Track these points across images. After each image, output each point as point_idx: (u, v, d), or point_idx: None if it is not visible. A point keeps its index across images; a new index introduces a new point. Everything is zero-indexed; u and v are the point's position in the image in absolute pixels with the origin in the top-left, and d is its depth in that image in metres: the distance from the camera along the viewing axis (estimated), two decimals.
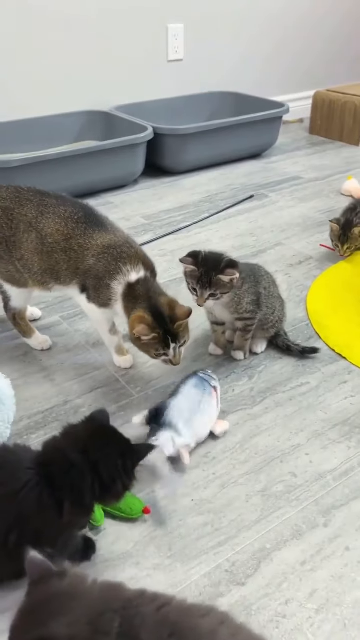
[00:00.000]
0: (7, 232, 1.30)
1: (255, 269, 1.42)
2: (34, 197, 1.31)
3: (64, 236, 1.27)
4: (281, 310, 1.45)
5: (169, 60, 2.89)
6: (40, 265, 1.31)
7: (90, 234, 1.27)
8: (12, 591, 0.92)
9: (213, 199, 2.40)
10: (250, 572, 0.95)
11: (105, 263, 1.25)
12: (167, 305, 1.21)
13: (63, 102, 2.62)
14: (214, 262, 1.26)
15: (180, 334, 1.22)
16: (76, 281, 1.30)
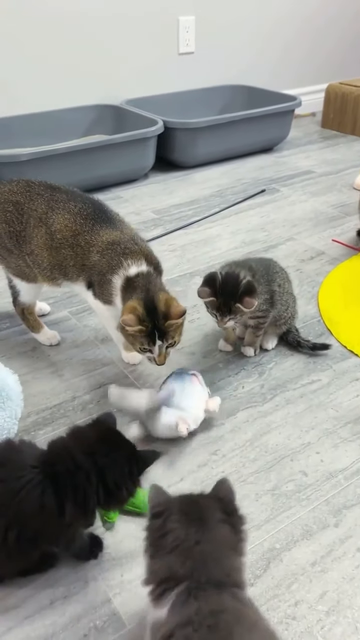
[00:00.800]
0: (17, 227, 1.29)
1: (270, 266, 1.39)
2: (44, 192, 1.30)
3: (72, 232, 1.26)
4: (293, 306, 1.43)
5: (180, 53, 2.86)
6: (49, 261, 1.30)
7: (97, 231, 1.26)
8: (17, 589, 0.91)
9: (224, 194, 2.37)
10: (259, 572, 0.93)
11: (108, 258, 1.23)
12: (164, 302, 1.18)
13: (73, 96, 2.61)
14: (232, 290, 1.23)
15: (170, 333, 1.18)
16: (82, 277, 1.29)
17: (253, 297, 1.21)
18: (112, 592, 0.91)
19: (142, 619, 0.86)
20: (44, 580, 0.92)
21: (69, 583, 0.92)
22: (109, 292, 1.25)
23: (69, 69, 2.56)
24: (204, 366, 1.39)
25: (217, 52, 2.98)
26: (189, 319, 1.57)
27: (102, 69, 2.65)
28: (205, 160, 2.66)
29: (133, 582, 0.92)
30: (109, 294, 1.26)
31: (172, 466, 1.12)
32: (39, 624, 0.86)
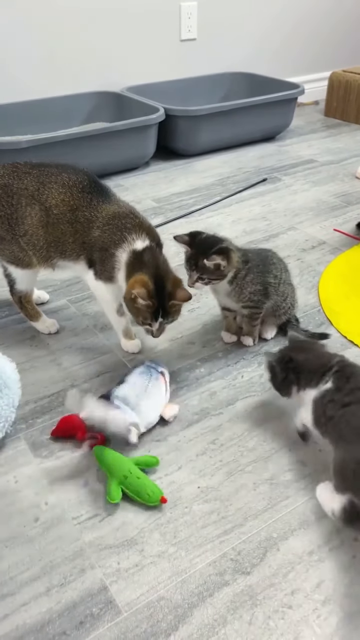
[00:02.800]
0: (7, 210, 1.28)
1: (267, 257, 1.38)
2: (32, 169, 1.29)
3: (70, 207, 1.26)
4: (292, 296, 1.42)
5: (182, 39, 2.83)
6: (46, 239, 1.29)
7: (95, 206, 1.26)
8: (13, 576, 0.91)
9: (225, 182, 2.35)
10: (256, 561, 0.93)
11: (110, 233, 1.23)
12: (172, 282, 1.20)
13: (73, 83, 2.58)
14: (206, 246, 1.24)
15: (172, 313, 1.22)
16: (83, 256, 1.29)
17: (220, 259, 1.21)
18: (109, 580, 0.91)
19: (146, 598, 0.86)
20: (40, 568, 0.92)
21: (65, 571, 0.92)
22: (111, 267, 1.25)
23: (69, 55, 2.53)
24: (203, 355, 1.39)
25: (219, 38, 2.94)
26: (187, 308, 1.56)
27: (103, 56, 2.62)
28: (207, 149, 2.64)
29: (129, 570, 0.92)
30: (112, 269, 1.25)
31: (170, 455, 1.12)
32: (35, 611, 0.86)
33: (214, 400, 1.26)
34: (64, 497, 1.04)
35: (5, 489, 1.05)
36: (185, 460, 1.11)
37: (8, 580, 0.91)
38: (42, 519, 1.00)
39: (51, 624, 0.85)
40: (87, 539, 0.97)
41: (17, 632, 0.84)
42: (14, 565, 0.93)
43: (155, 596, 0.88)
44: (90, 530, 0.98)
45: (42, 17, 2.40)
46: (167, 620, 0.85)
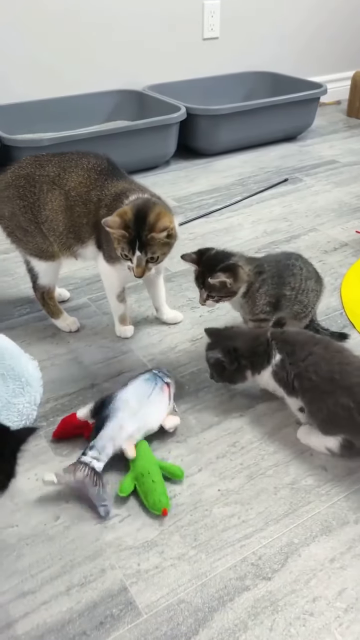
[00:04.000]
0: (31, 199, 1.30)
1: (288, 266, 1.29)
2: (53, 157, 1.32)
3: (87, 188, 1.28)
4: (315, 301, 1.36)
5: (204, 38, 2.81)
6: (65, 224, 1.30)
7: (106, 186, 1.28)
8: (33, 574, 0.91)
9: (246, 182, 2.34)
10: (277, 566, 0.92)
11: (113, 209, 1.23)
12: (155, 214, 1.17)
13: (95, 81, 2.58)
14: (212, 264, 1.21)
15: (151, 247, 1.17)
16: (94, 236, 1.30)
17: (225, 277, 1.19)
18: (129, 580, 0.90)
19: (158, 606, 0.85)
20: (60, 567, 0.92)
21: (85, 570, 0.92)
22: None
23: (91, 54, 2.53)
24: None
25: (242, 37, 2.92)
26: (207, 309, 1.55)
27: (125, 54, 2.62)
28: (228, 148, 2.62)
29: (150, 571, 0.92)
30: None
31: (190, 456, 1.11)
32: (55, 610, 0.86)
33: (234, 402, 1.25)
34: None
35: (25, 487, 1.05)
36: (205, 463, 1.10)
37: (29, 577, 0.91)
38: (63, 518, 1.00)
39: (71, 624, 0.85)
40: (107, 539, 0.97)
41: (38, 631, 0.84)
42: (35, 563, 0.93)
43: (175, 599, 0.88)
44: (110, 531, 0.98)
45: (65, 16, 2.41)
46: (187, 623, 0.85)
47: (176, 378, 1.31)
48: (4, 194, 1.32)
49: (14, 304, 1.58)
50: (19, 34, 2.34)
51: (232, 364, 1.17)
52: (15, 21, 2.32)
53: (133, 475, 1.02)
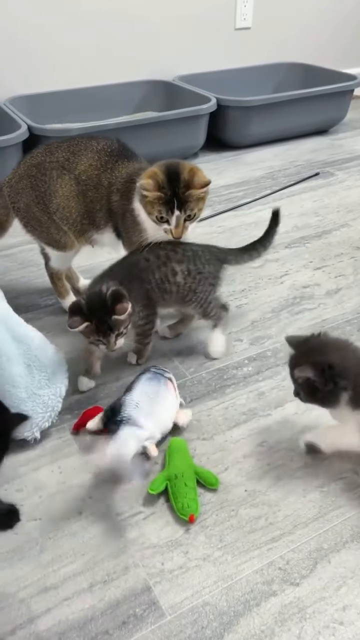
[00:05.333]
0: (42, 188, 1.28)
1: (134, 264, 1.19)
2: (63, 143, 1.30)
3: (97, 169, 1.25)
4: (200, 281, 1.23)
5: (236, 28, 2.76)
6: (78, 210, 1.28)
7: (118, 167, 1.25)
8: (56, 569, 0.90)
9: (275, 176, 2.29)
10: (306, 572, 0.89)
11: (127, 192, 1.21)
12: (188, 170, 1.14)
13: (125, 71, 2.56)
14: (101, 305, 1.07)
15: (189, 204, 1.14)
16: (110, 224, 1.28)
17: (123, 302, 1.06)
18: (152, 580, 0.88)
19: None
20: (83, 563, 0.91)
21: (108, 567, 0.90)
22: (137, 223, 1.21)
23: (121, 43, 2.51)
24: (251, 353, 1.35)
25: (274, 28, 2.86)
26: (235, 304, 1.52)
27: (155, 44, 2.59)
28: (258, 141, 2.57)
29: (174, 571, 0.89)
30: (137, 224, 1.21)
31: (216, 454, 1.09)
32: (78, 607, 0.85)
33: (262, 400, 1.22)
34: (108, 492, 1.02)
35: (49, 480, 1.04)
36: (232, 462, 1.08)
37: (51, 572, 0.90)
38: (86, 513, 0.98)
39: (94, 622, 0.83)
40: (130, 536, 0.95)
41: (60, 627, 0.82)
42: (58, 558, 0.92)
43: (200, 601, 0.85)
44: (134, 528, 0.96)
45: (94, 5, 2.38)
46: (212, 627, 0.82)
47: (201, 374, 1.29)
48: (18, 186, 1.31)
49: (40, 295, 1.57)
50: (48, 24, 2.33)
51: (327, 385, 0.95)
52: (44, 12, 2.30)
53: (166, 475, 1.00)
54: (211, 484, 1.01)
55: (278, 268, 1.68)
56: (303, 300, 1.53)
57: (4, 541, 0.94)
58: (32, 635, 0.81)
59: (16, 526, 0.96)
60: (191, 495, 0.98)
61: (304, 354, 0.99)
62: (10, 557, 0.91)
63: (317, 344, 1.00)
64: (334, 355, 0.96)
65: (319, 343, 1.00)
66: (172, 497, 0.99)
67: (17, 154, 1.99)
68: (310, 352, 0.99)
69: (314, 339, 1.01)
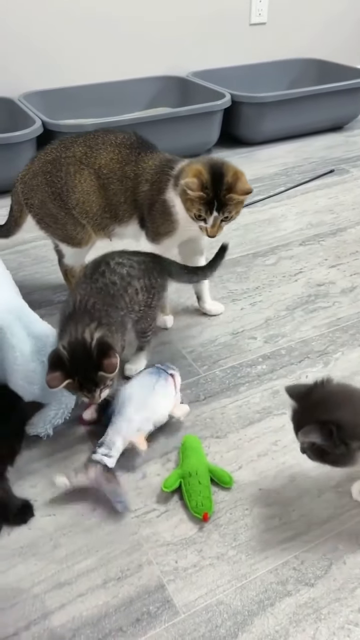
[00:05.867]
0: (58, 184, 1.28)
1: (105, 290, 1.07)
2: (78, 138, 1.29)
3: (119, 163, 1.25)
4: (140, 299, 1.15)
5: (251, 23, 2.74)
6: (99, 204, 1.28)
7: (142, 158, 1.25)
8: (70, 565, 0.90)
9: (290, 173, 2.27)
10: (321, 572, 0.88)
11: (158, 182, 1.21)
12: (232, 173, 1.15)
13: (138, 67, 2.55)
14: (84, 358, 0.96)
15: (228, 207, 1.16)
16: (135, 215, 1.28)
17: (112, 356, 0.96)
18: (166, 578, 0.88)
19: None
20: (97, 559, 0.91)
21: (122, 564, 0.90)
22: (167, 215, 1.21)
23: (134, 39, 2.49)
24: (265, 351, 1.34)
25: (290, 23, 2.83)
26: (249, 302, 1.51)
27: (169, 39, 2.57)
28: (272, 137, 2.55)
29: (188, 570, 0.89)
30: (167, 216, 1.21)
31: (230, 453, 1.08)
32: (92, 604, 0.85)
33: (276, 399, 1.21)
34: (121, 489, 1.02)
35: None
36: (245, 460, 1.07)
37: (65, 568, 0.90)
38: (100, 510, 0.98)
39: (107, 618, 0.83)
40: (144, 534, 0.95)
41: (74, 624, 0.82)
42: (71, 554, 0.92)
43: (214, 600, 0.85)
44: (148, 525, 0.96)
45: (109, 1, 2.38)
46: (226, 626, 0.82)
47: (214, 372, 1.28)
48: (32, 183, 1.30)
49: (53, 290, 1.57)
50: (63, 20, 2.32)
51: (337, 448, 0.82)
52: (59, 8, 2.29)
53: (180, 473, 1.00)
54: (225, 482, 1.01)
55: (292, 265, 1.67)
56: (318, 299, 1.52)
57: (18, 536, 0.94)
58: (47, 631, 0.82)
59: (30, 521, 0.96)
60: (205, 493, 0.97)
61: (307, 411, 0.86)
62: (25, 552, 0.92)
63: (321, 396, 0.86)
64: (342, 411, 0.83)
65: (324, 395, 0.86)
66: (185, 495, 0.98)
67: (31, 149, 1.99)
68: (314, 408, 0.85)
69: (317, 390, 0.87)
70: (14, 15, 2.23)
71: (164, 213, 1.22)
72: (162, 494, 1.00)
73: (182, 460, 1.03)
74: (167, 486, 0.99)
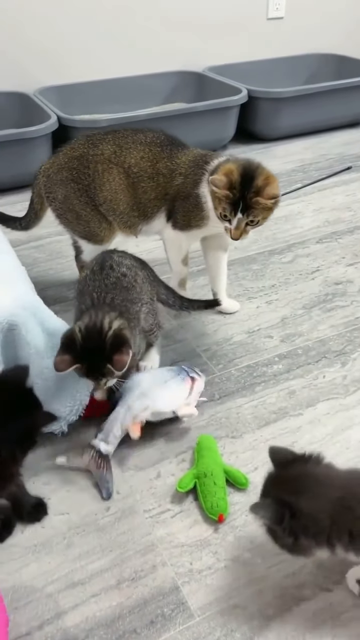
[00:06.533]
0: (85, 181, 1.27)
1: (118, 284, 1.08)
2: (106, 136, 1.29)
3: (150, 162, 1.25)
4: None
5: (269, 18, 2.71)
6: (127, 202, 1.28)
7: (176, 154, 1.25)
8: (84, 564, 0.89)
9: (307, 169, 2.24)
10: (338, 577, 0.87)
11: (193, 175, 1.21)
12: (264, 177, 1.13)
13: (154, 62, 2.53)
14: (97, 346, 0.95)
15: (254, 211, 1.14)
16: (164, 208, 1.27)
17: (124, 353, 0.94)
18: (181, 580, 0.87)
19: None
20: (111, 559, 0.90)
21: (136, 565, 0.89)
22: (198, 209, 1.21)
23: (150, 33, 2.47)
24: (281, 351, 1.32)
25: (308, 17, 2.79)
26: (265, 300, 1.49)
27: (185, 34, 2.55)
28: (289, 133, 2.52)
29: (202, 572, 0.88)
30: (199, 210, 1.21)
31: (246, 453, 1.07)
32: (105, 604, 0.84)
33: (292, 399, 1.19)
34: (136, 488, 1.01)
35: (78, 474, 1.03)
36: (261, 462, 1.05)
37: (79, 568, 0.89)
38: (114, 509, 0.97)
39: (121, 620, 0.82)
40: (158, 534, 0.93)
41: (87, 624, 0.82)
42: (85, 553, 0.91)
43: (229, 603, 0.84)
44: (162, 526, 0.95)
45: None
46: (241, 630, 0.81)
47: (230, 371, 1.27)
48: (57, 177, 1.29)
49: (68, 287, 1.56)
50: (77, 14, 2.31)
51: (286, 535, 0.74)
52: (75, 1, 2.29)
53: (195, 473, 0.99)
54: (241, 483, 0.99)
55: (309, 263, 1.65)
56: (335, 297, 1.49)
57: (32, 534, 0.93)
58: (60, 631, 0.81)
59: (44, 520, 0.95)
60: (220, 494, 0.96)
61: (275, 483, 0.78)
62: (38, 550, 0.91)
63: (298, 473, 0.77)
64: (308, 500, 0.73)
65: (301, 473, 0.76)
66: (200, 495, 0.97)
67: (46, 144, 1.99)
68: (283, 483, 0.77)
69: (298, 465, 0.78)
70: (31, 10, 2.22)
71: (197, 207, 1.23)
72: (177, 494, 0.99)
73: (197, 460, 1.02)
74: (182, 486, 0.97)
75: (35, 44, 2.28)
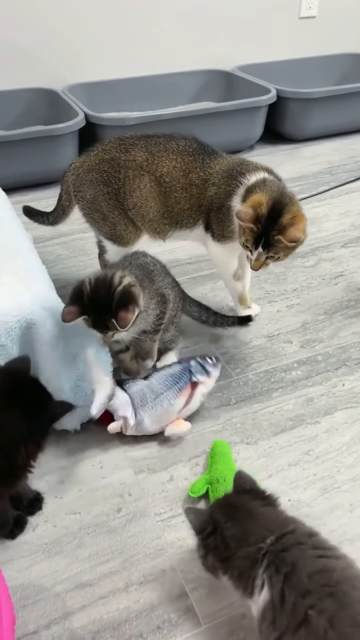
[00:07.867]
0: (115, 185, 1.26)
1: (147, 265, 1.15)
2: (138, 141, 1.27)
3: (183, 172, 1.22)
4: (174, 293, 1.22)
5: (301, 17, 2.67)
6: (157, 210, 1.26)
7: (208, 164, 1.22)
8: (92, 566, 0.89)
9: (334, 171, 2.21)
10: None
11: (225, 185, 1.19)
12: (291, 216, 1.09)
13: (183, 60, 2.51)
14: (104, 299, 0.96)
15: (275, 247, 1.11)
16: (201, 220, 1.26)
17: (129, 310, 0.95)
18: (189, 586, 0.86)
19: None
20: (120, 561, 0.90)
21: (145, 569, 0.89)
22: (229, 221, 1.20)
23: (181, 32, 2.46)
24: (301, 357, 1.30)
25: (341, 17, 2.75)
26: (286, 304, 1.47)
27: (215, 33, 2.53)
28: (317, 134, 2.49)
29: (211, 578, 0.87)
30: (230, 223, 1.20)
31: (260, 460, 1.05)
32: (113, 607, 0.84)
33: (310, 407, 1.17)
34: (148, 491, 1.00)
35: (90, 474, 1.04)
36: (276, 469, 1.04)
37: (88, 569, 0.89)
38: (125, 511, 0.97)
39: (128, 624, 0.82)
40: (168, 539, 0.93)
41: (94, 626, 0.82)
42: (95, 554, 0.91)
43: (237, 612, 0.83)
44: (172, 530, 0.94)
45: None
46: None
47: (247, 376, 1.25)
48: (87, 177, 1.29)
49: None
50: (106, 12, 2.31)
51: (200, 547, 0.78)
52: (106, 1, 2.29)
53: (208, 478, 0.98)
54: None
55: (333, 268, 1.62)
56: (359, 304, 1.47)
57: (42, 533, 0.94)
58: (67, 631, 0.81)
59: (56, 518, 0.96)
60: None
61: (220, 501, 0.81)
62: (49, 549, 0.91)
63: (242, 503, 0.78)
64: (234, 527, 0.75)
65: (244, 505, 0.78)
66: (212, 501, 0.96)
67: (73, 141, 2.00)
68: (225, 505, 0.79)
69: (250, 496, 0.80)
70: (60, 8, 2.23)
71: (228, 219, 1.20)
72: (189, 498, 0.98)
73: (210, 466, 1.01)
74: (194, 492, 0.97)
75: (64, 42, 2.30)
